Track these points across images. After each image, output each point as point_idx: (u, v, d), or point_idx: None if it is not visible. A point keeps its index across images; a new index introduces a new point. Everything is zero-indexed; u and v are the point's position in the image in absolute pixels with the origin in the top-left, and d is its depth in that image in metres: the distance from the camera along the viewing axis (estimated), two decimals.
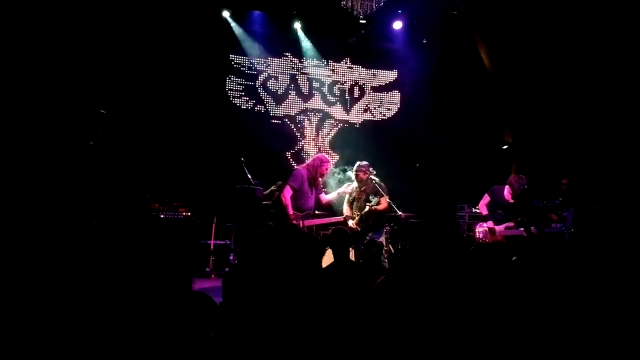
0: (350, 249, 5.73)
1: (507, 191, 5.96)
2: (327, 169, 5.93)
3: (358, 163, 6.18)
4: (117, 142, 6.91)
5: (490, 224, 5.89)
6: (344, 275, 3.12)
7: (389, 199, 5.83)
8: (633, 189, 6.59)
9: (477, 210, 6.50)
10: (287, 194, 5.56)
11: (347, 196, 6.17)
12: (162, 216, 6.46)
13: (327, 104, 8.62)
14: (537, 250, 5.58)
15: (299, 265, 3.02)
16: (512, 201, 5.93)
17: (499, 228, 5.84)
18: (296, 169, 5.89)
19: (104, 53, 6.87)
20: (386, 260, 5.83)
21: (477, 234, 5.93)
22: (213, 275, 6.54)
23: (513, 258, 2.66)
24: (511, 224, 5.81)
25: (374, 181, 5.94)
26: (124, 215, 6.19)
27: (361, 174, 5.96)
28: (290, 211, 5.56)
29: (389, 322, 2.19)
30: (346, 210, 6.11)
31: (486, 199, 6.10)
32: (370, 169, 6.05)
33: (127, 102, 7.15)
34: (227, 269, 6.43)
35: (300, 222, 5.58)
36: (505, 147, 8.33)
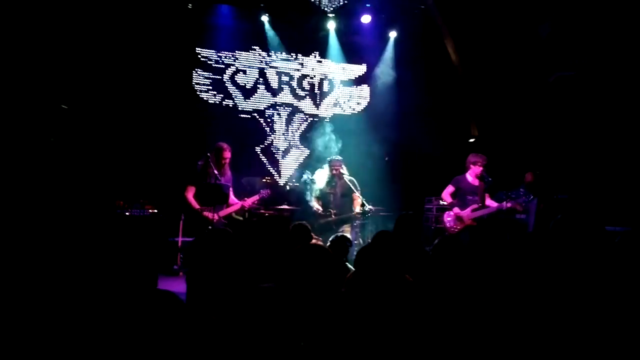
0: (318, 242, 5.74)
1: (470, 176, 5.96)
2: (227, 156, 5.74)
3: (333, 157, 6.16)
4: (80, 138, 6.70)
5: (456, 210, 5.88)
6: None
7: (359, 194, 5.86)
8: (596, 180, 6.80)
9: (444, 203, 6.51)
10: (190, 193, 5.57)
11: (314, 188, 6.14)
12: (127, 213, 6.32)
13: (297, 98, 8.56)
14: (504, 236, 5.67)
15: (263, 263, 2.98)
16: (477, 184, 5.92)
17: (466, 212, 5.83)
18: (197, 164, 5.74)
19: (65, 45, 6.62)
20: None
21: (447, 224, 5.92)
22: (181, 273, 6.43)
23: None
24: (476, 205, 5.82)
25: (343, 175, 5.95)
26: (87, 213, 6.02)
27: (336, 169, 5.98)
28: (196, 206, 5.54)
29: (359, 317, 2.17)
30: (314, 204, 6.10)
31: (450, 188, 6.05)
32: (343, 165, 6.06)
33: (90, 97, 6.93)
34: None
35: (215, 215, 5.49)
36: (472, 139, 8.46)
